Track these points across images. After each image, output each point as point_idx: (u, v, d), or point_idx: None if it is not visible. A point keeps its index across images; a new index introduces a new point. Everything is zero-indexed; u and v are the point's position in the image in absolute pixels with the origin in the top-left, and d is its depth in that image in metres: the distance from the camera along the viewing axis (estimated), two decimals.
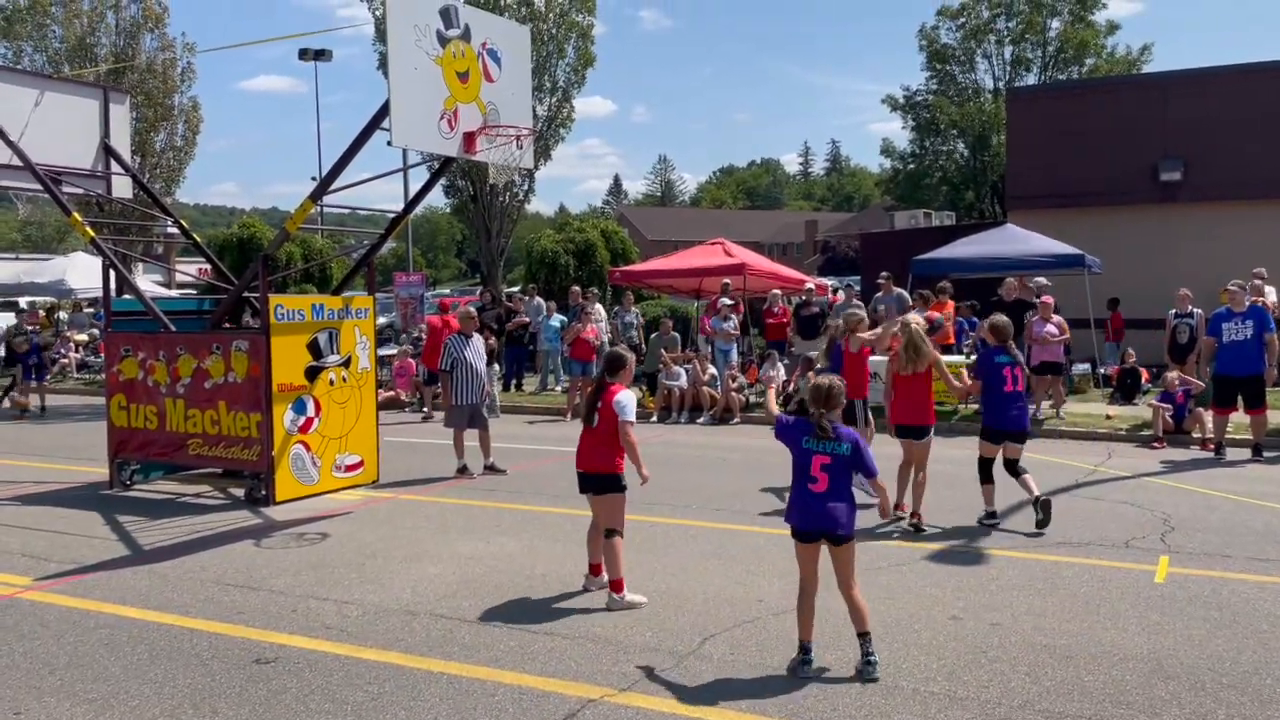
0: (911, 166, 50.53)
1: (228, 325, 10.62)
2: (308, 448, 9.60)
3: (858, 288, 21.03)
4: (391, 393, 17.30)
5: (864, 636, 5.22)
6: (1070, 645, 5.57)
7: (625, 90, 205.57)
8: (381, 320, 27.34)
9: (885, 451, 7.62)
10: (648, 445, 13.14)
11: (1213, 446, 11.83)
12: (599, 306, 18.55)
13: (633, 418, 6.45)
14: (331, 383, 9.82)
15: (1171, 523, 8.39)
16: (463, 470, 11.18)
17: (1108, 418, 13.94)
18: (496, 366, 17.35)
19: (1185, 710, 4.72)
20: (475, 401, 11.20)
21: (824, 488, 5.27)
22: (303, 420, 9.54)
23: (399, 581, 7.04)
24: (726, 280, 18.60)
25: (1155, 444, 12.41)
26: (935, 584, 6.79)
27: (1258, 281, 15.41)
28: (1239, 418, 11.84)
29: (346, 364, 9.95)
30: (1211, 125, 19.66)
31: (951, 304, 16.06)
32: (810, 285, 19.84)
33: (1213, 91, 20.10)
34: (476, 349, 11.25)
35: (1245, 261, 16.02)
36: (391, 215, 10.83)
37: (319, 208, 11.07)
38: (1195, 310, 14.29)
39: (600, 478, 6.52)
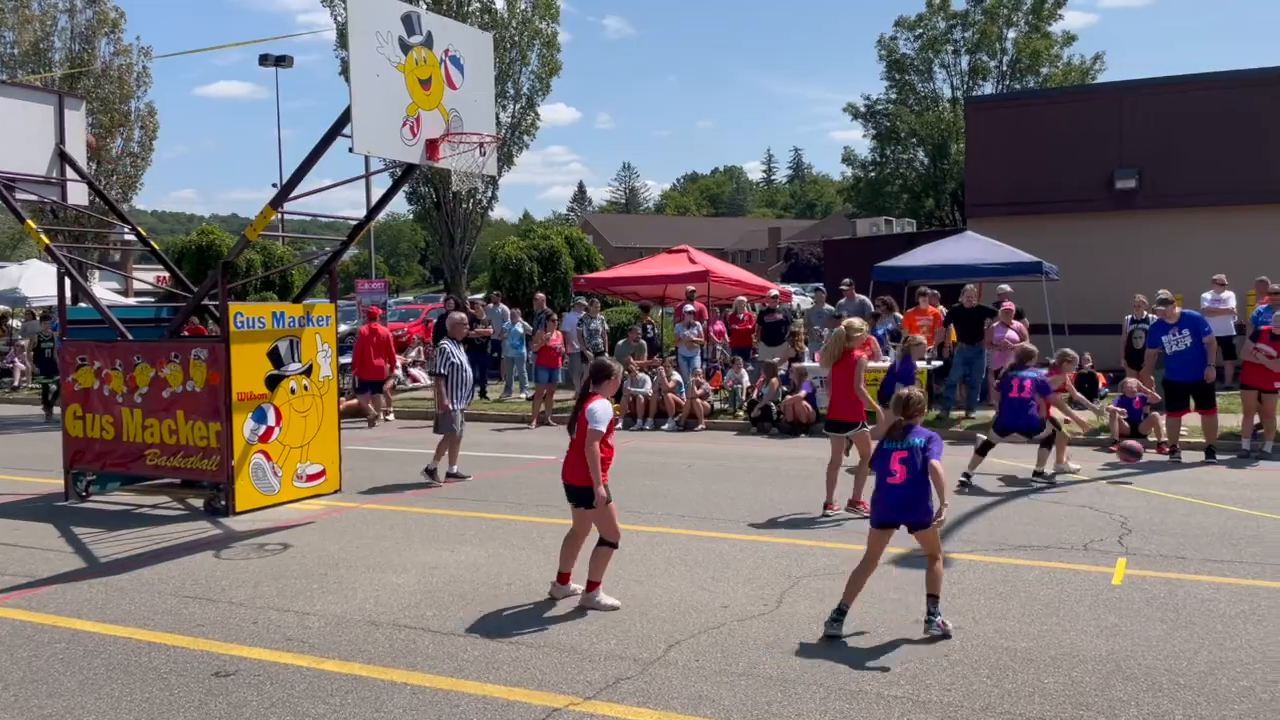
0: (872, 174, 51.03)
1: (186, 332, 10.49)
2: (268, 457, 9.51)
3: (824, 292, 21.12)
4: (355, 400, 17.15)
5: (932, 599, 5.89)
6: (1030, 647, 5.63)
7: (589, 98, 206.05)
8: (343, 328, 27.13)
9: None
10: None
11: (1167, 450, 12.04)
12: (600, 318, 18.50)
13: (602, 428, 6.30)
14: (293, 391, 9.73)
15: (1129, 525, 8.53)
16: (446, 476, 11.24)
17: (1065, 422, 14.12)
18: (416, 376, 17.33)
19: (1143, 711, 4.79)
20: (466, 407, 11.55)
21: (901, 479, 5.88)
22: (263, 429, 9.44)
23: (362, 591, 6.97)
24: (691, 287, 18.67)
25: (1112, 448, 12.60)
26: (897, 588, 6.84)
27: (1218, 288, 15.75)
28: (1192, 421, 12.07)
29: (308, 372, 9.87)
30: (1165, 134, 20.04)
31: (933, 309, 16.14)
32: (774, 292, 20.00)
33: (1166, 101, 20.49)
34: (465, 355, 11.50)
35: (1199, 267, 16.37)
36: (354, 222, 10.76)
37: (280, 215, 10.98)
38: (1151, 316, 14.54)
39: (579, 490, 6.45)
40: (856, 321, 9.78)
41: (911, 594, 6.68)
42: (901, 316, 16.99)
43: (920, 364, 15.44)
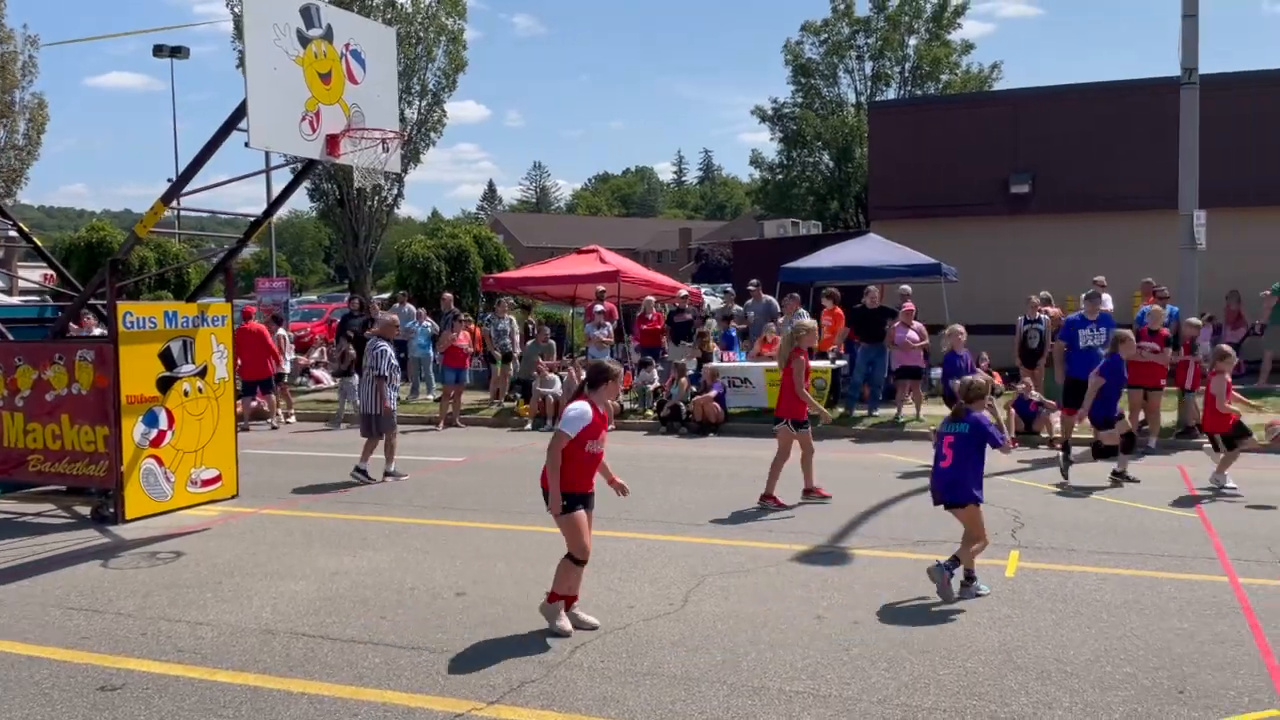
0: (780, 177, 51.72)
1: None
2: (160, 462, 9.18)
3: (733, 293, 21.34)
4: (255, 403, 16.68)
5: (967, 573, 6.48)
6: (927, 640, 5.77)
7: (499, 96, 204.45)
8: None
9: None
10: (520, 455, 13.11)
11: (1060, 446, 12.47)
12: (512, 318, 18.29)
13: (567, 431, 5.84)
14: (186, 394, 9.41)
15: (1021, 519, 8.80)
16: (364, 474, 11.28)
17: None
18: (356, 377, 16.98)
19: (1032, 699, 4.94)
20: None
21: (949, 463, 6.50)
22: (154, 433, 9.11)
23: (258, 600, 6.77)
24: (601, 287, 18.66)
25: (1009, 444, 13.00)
26: (801, 584, 6.94)
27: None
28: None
29: (202, 374, 9.56)
30: (1058, 141, 20.78)
31: (836, 310, 16.47)
32: (683, 292, 20.10)
33: (1059, 108, 21.25)
34: (395, 354, 11.66)
35: (1089, 270, 16.97)
36: (253, 219, 10.45)
37: (175, 211, 10.62)
38: (1044, 316, 15.05)
39: (544, 495, 6.03)
40: (807, 322, 10.06)
41: (814, 590, 6.79)
42: (806, 315, 17.28)
43: (824, 363, 15.78)
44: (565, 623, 5.93)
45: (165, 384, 9.20)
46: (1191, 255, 13.45)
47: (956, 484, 6.49)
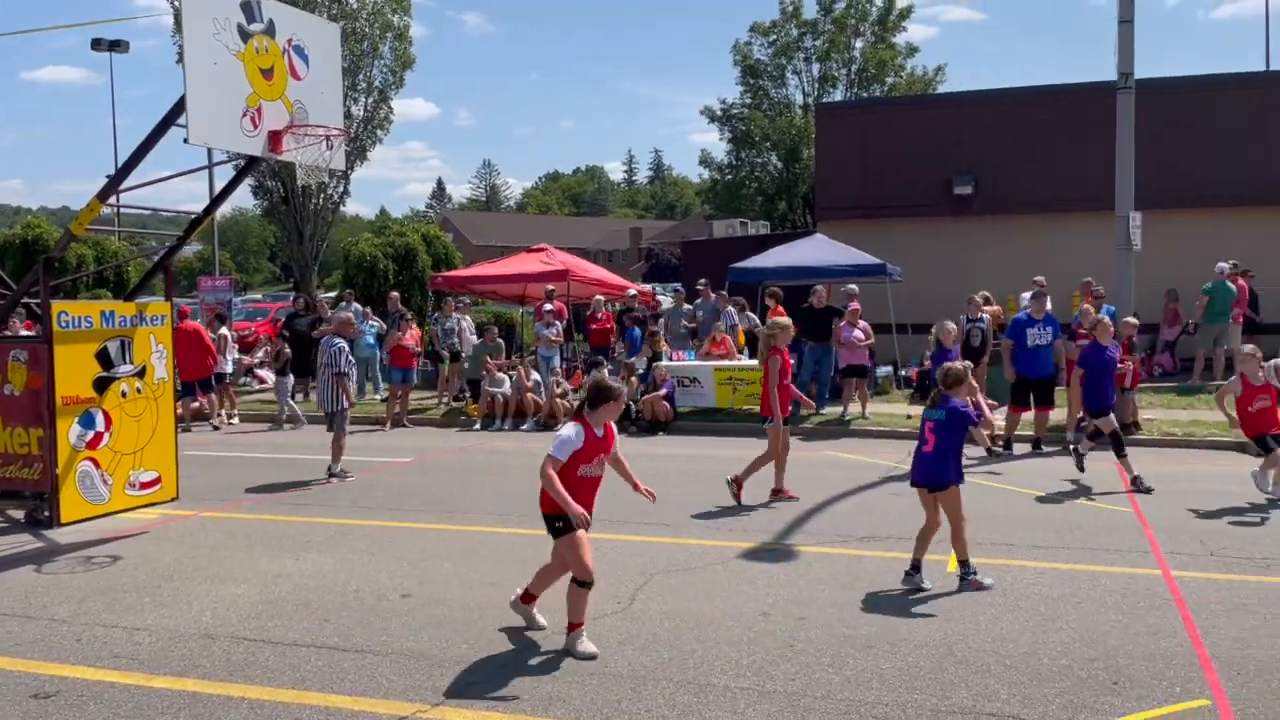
0: (729, 177, 51.97)
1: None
2: (97, 464, 8.96)
3: (682, 292, 21.41)
4: (197, 404, 16.39)
5: (963, 564, 6.69)
6: (870, 635, 5.85)
7: (448, 93, 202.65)
8: None
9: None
10: (469, 455, 13.03)
11: (1002, 442, 12.69)
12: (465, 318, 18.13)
13: (559, 455, 5.51)
14: (124, 394, 9.20)
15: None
16: (341, 474, 11.31)
17: (908, 417, 14.74)
18: (290, 378, 16.78)
19: (972, 691, 5.03)
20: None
21: (930, 448, 6.76)
22: (91, 435, 8.90)
23: (198, 604, 6.66)
24: (550, 286, 18.62)
25: None
26: (747, 581, 6.98)
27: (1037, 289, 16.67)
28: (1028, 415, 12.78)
29: (141, 374, 9.35)
30: (1000, 143, 21.15)
31: (782, 309, 16.62)
32: (633, 291, 20.14)
33: (1001, 111, 21.62)
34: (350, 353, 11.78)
35: (1030, 270, 17.30)
36: (194, 216, 10.25)
37: (115, 208, 10.40)
38: (985, 315, 15.30)
39: (546, 519, 5.70)
40: (783, 320, 10.20)
41: (760, 587, 6.84)
42: (755, 316, 17.41)
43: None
44: (588, 645, 5.57)
45: (102, 385, 8.99)
46: (1128, 255, 13.75)
47: (938, 468, 6.78)
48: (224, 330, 17.82)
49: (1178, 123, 19.37)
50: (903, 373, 17.77)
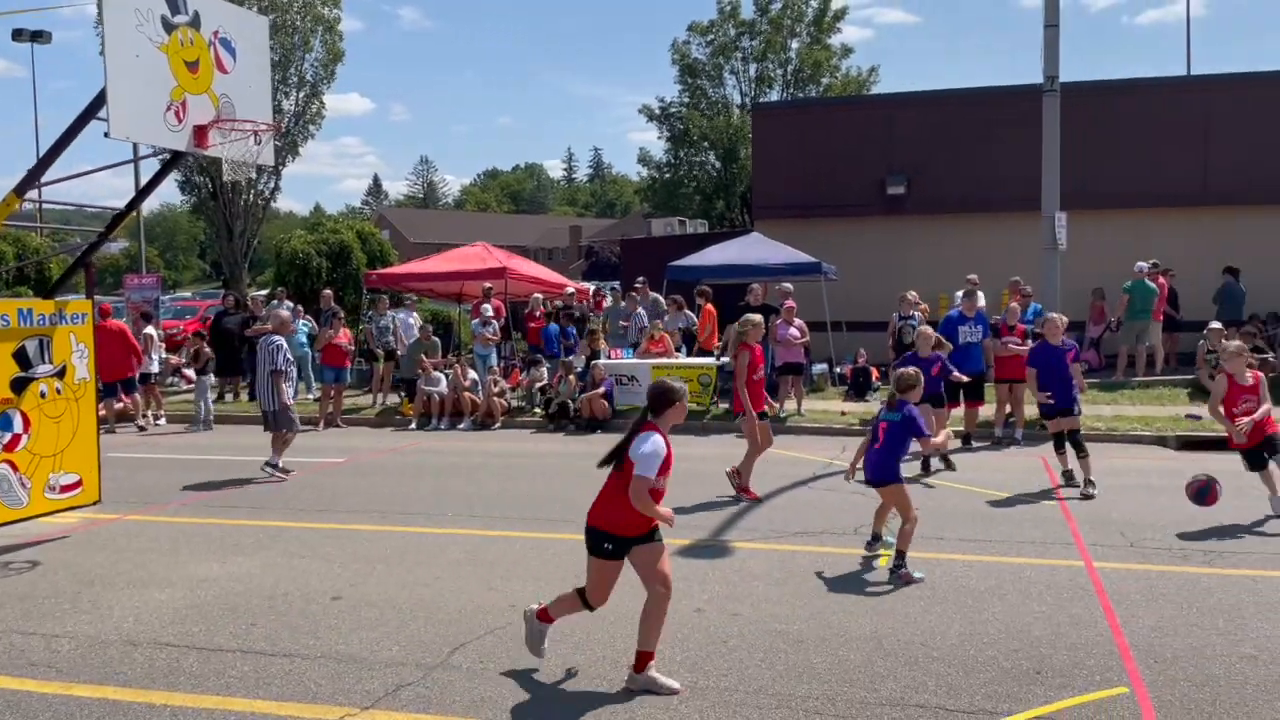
0: (667, 176, 52.13)
1: None
2: (14, 468, 8.67)
3: (620, 291, 21.42)
4: (120, 404, 15.95)
5: (899, 554, 6.90)
6: (802, 630, 5.91)
7: (384, 89, 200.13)
8: None
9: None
10: (403, 455, 12.89)
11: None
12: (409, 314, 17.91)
13: (652, 476, 4.99)
14: (43, 395, 8.92)
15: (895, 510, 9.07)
16: (284, 470, 11.31)
17: (842, 414, 14.93)
18: (211, 377, 16.47)
19: (900, 683, 5.11)
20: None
21: (880, 446, 7.05)
22: (8, 437, 8.61)
23: (120, 610, 6.48)
24: (488, 284, 18.48)
25: None
26: (682, 578, 6.98)
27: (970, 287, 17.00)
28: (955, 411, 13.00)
29: (61, 374, 9.07)
30: (932, 143, 21.49)
31: (711, 306, 16.80)
32: (570, 289, 20.08)
33: (933, 112, 21.96)
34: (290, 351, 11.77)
35: (963, 268, 17.62)
36: (117, 212, 9.98)
37: (37, 203, 10.08)
38: (917, 313, 15.54)
39: (600, 535, 5.24)
40: (754, 318, 10.24)
41: (695, 584, 6.87)
42: (692, 315, 17.50)
43: (709, 360, 16.00)
44: (667, 680, 5.08)
45: (20, 385, 8.70)
46: (1054, 255, 14.10)
47: (883, 466, 7.08)
48: (150, 329, 17.37)
49: (1102, 125, 19.89)
50: (838, 370, 17.99)
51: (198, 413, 15.97)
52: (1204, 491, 8.13)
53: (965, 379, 11.30)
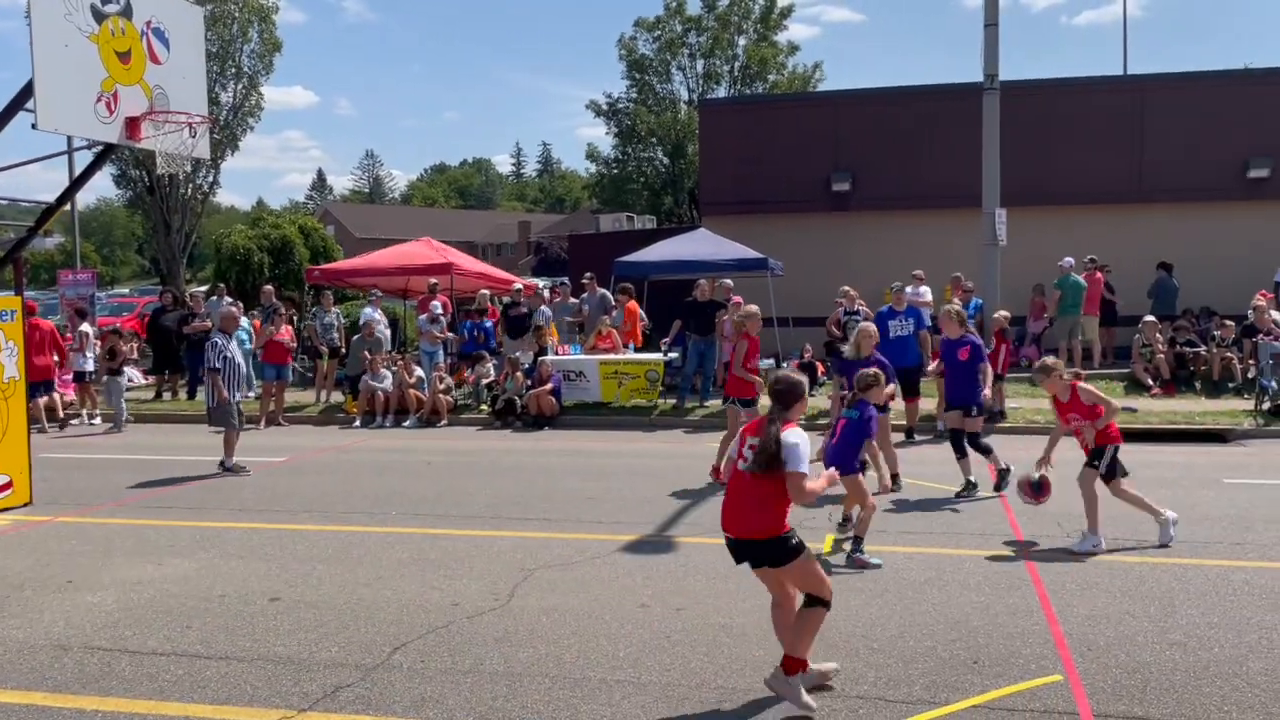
0: (615, 171, 52.07)
1: None
2: None
3: (568, 286, 21.34)
4: (47, 398, 15.54)
5: (857, 540, 7.24)
6: (745, 624, 5.94)
7: (327, 82, 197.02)
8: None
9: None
10: (346, 454, 12.73)
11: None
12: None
13: (807, 468, 4.74)
14: None
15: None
16: (237, 469, 11.23)
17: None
18: (125, 377, 16.13)
19: (841, 676, 5.14)
20: (242, 398, 11.66)
21: (836, 442, 7.51)
22: None
23: (50, 614, 6.31)
24: (434, 280, 18.31)
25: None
26: (627, 574, 7.01)
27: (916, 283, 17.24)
28: (899, 405, 13.16)
29: None
30: (876, 141, 21.72)
31: (634, 303, 17.01)
32: (518, 285, 19.96)
33: (877, 110, 22.21)
34: (237, 348, 11.63)
35: (907, 264, 17.85)
36: (47, 206, 9.71)
37: None
38: (861, 308, 15.71)
39: (761, 545, 4.82)
40: (752, 309, 10.38)
41: (640, 580, 6.87)
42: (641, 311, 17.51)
43: (656, 355, 16.02)
44: (828, 664, 5.02)
45: None
46: (994, 251, 14.33)
47: (840, 458, 7.28)
48: (85, 326, 16.95)
49: (1040, 123, 20.25)
50: (784, 365, 18.11)
51: (117, 414, 15.56)
52: (1037, 487, 7.99)
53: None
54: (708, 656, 5.42)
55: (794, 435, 4.78)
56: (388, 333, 17.91)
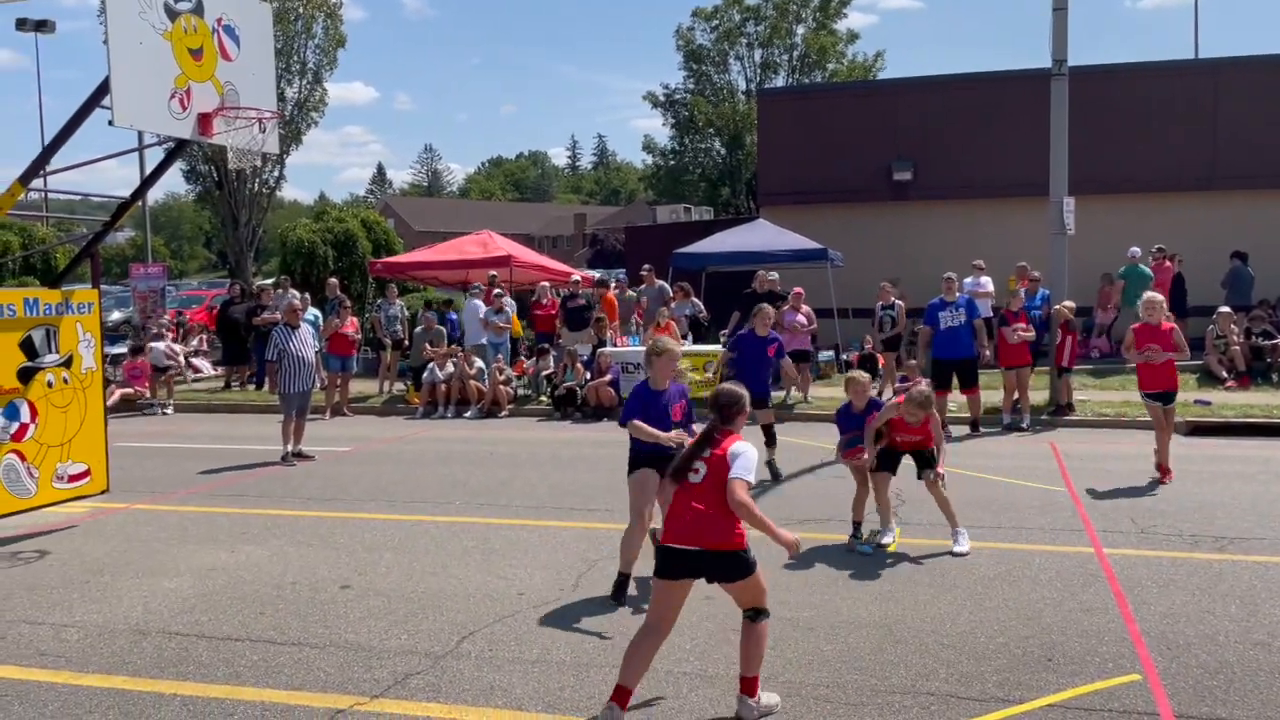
0: (672, 163, 52.00)
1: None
2: (22, 457, 8.67)
3: (626, 279, 21.37)
4: (129, 389, 15.99)
5: (855, 525, 7.61)
6: (812, 617, 5.89)
7: (387, 77, 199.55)
8: (118, 315, 25.20)
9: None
10: (408, 444, 12.88)
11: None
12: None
13: (751, 478, 4.75)
14: (50, 384, 8.91)
15: (902, 497, 9.00)
16: (285, 458, 11.50)
17: None
18: (197, 366, 16.60)
19: (911, 671, 5.09)
20: (306, 389, 11.72)
21: (847, 436, 7.99)
22: (15, 427, 8.60)
23: (129, 599, 6.49)
24: (493, 272, 18.43)
25: None
26: None
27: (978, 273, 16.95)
28: (960, 397, 12.96)
29: (68, 364, 9.06)
30: (938, 129, 21.37)
31: (611, 295, 17.24)
32: (576, 277, 20.02)
33: (936, 98, 21.85)
34: (303, 339, 11.71)
35: (970, 254, 17.55)
36: (122, 201, 9.95)
37: (43, 192, 10.07)
38: (897, 302, 15.48)
39: (719, 557, 4.72)
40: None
41: None
42: (699, 302, 17.44)
43: (714, 347, 15.92)
44: (773, 696, 4.80)
45: (26, 374, 8.69)
46: (1061, 240, 13.99)
47: (850, 446, 7.87)
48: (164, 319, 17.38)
49: (1111, 109, 19.74)
50: (844, 357, 17.93)
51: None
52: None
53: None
54: (775, 649, 5.38)
55: (741, 445, 4.76)
56: (508, 323, 17.51)
